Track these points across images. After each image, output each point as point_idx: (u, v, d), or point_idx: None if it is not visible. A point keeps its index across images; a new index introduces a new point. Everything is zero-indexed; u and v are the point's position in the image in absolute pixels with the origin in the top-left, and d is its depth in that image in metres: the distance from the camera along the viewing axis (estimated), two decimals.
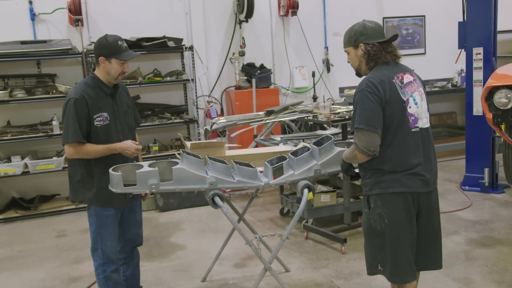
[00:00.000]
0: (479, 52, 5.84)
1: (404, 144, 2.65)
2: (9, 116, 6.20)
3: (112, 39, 3.16)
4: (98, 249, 3.24)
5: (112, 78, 3.18)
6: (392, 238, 2.70)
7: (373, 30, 2.76)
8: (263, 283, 3.78)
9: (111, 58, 3.12)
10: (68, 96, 3.11)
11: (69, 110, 3.07)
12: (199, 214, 5.90)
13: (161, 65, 6.64)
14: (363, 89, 2.64)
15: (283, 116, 5.65)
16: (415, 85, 2.74)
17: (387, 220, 2.69)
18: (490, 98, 4.60)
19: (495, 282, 3.78)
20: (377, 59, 2.72)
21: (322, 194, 5.09)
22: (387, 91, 2.62)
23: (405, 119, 2.66)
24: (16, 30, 6.12)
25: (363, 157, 2.64)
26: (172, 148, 6.66)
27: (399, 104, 2.64)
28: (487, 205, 5.57)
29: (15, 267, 4.62)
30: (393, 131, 2.64)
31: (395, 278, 2.75)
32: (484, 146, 5.96)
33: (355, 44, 2.78)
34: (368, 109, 2.60)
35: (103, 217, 3.22)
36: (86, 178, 3.18)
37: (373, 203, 2.73)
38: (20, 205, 6.14)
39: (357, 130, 2.63)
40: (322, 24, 7.53)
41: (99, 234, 3.22)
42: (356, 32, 2.78)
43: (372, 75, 2.69)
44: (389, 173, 2.66)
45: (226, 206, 3.23)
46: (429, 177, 2.72)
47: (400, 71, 2.74)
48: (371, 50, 2.72)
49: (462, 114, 8.01)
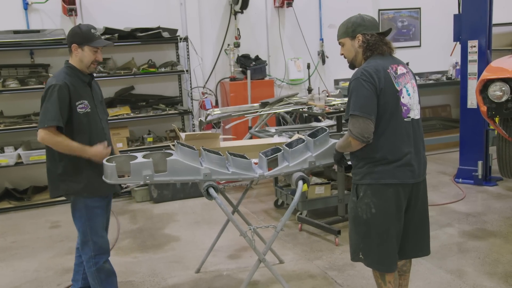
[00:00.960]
0: (474, 45, 5.85)
1: (396, 133, 2.69)
2: (2, 107, 6.16)
3: (85, 27, 3.17)
4: (88, 241, 3.21)
5: (84, 66, 3.17)
6: (379, 228, 2.75)
7: (370, 22, 2.81)
8: (257, 274, 3.80)
9: (84, 45, 3.12)
10: (48, 83, 3.07)
11: (50, 95, 3.02)
12: (193, 205, 5.89)
13: (155, 56, 6.61)
14: (359, 77, 2.67)
15: (278, 108, 5.64)
16: (408, 77, 2.79)
17: (375, 210, 2.73)
18: (484, 91, 4.61)
19: (487, 273, 3.80)
20: (374, 49, 2.76)
21: (317, 186, 5.10)
22: (381, 80, 2.66)
23: (398, 108, 2.70)
24: (9, 20, 6.06)
25: (357, 143, 2.67)
26: (166, 140, 6.64)
27: (393, 93, 2.68)
28: (480, 198, 5.60)
29: (8, 258, 4.60)
30: (386, 120, 2.68)
31: (380, 266, 2.82)
32: (478, 139, 5.99)
33: (352, 34, 2.80)
34: (363, 96, 2.64)
35: (92, 209, 3.20)
36: (70, 170, 3.13)
37: (362, 192, 2.76)
38: (13, 196, 6.12)
39: (352, 116, 2.66)
40: (318, 16, 7.51)
41: (89, 226, 3.20)
42: (354, 23, 2.81)
43: (367, 65, 2.72)
44: (380, 164, 2.70)
45: (220, 197, 3.22)
46: (418, 168, 2.76)
47: (394, 63, 2.78)
48: (370, 40, 2.76)
49: (456, 107, 8.04)
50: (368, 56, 2.78)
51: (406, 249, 2.90)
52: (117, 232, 5.08)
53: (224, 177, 3.22)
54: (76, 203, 3.21)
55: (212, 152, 3.22)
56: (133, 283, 3.97)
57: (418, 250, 2.95)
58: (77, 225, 3.25)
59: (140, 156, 3.20)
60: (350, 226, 2.90)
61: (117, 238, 4.93)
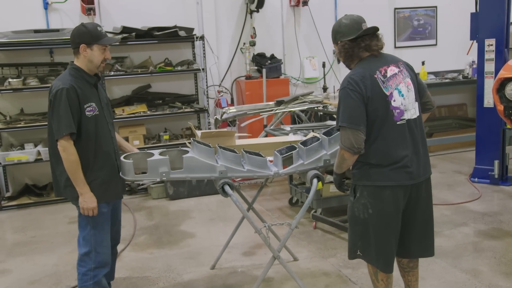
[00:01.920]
0: (491, 44, 5.80)
1: (389, 138, 2.68)
2: (23, 104, 6.28)
3: (91, 25, 3.05)
4: (91, 252, 3.04)
5: (94, 67, 3.04)
6: (376, 228, 2.76)
7: (347, 27, 2.76)
8: (272, 271, 3.83)
9: (93, 44, 2.99)
10: (55, 87, 2.93)
11: (59, 101, 2.89)
12: (209, 202, 5.95)
13: (172, 54, 6.68)
14: (345, 87, 2.67)
15: (293, 106, 5.66)
16: (401, 77, 2.73)
17: (372, 211, 2.75)
18: (501, 90, 4.59)
19: (503, 273, 3.79)
20: (351, 57, 2.77)
21: (331, 184, 5.11)
22: (368, 87, 2.64)
23: (389, 113, 2.67)
24: (30, 19, 6.18)
25: (349, 155, 2.67)
26: (182, 137, 6.70)
27: (382, 99, 2.66)
28: (496, 197, 5.56)
29: (28, 252, 4.71)
30: (377, 126, 2.67)
31: (376, 263, 2.84)
32: (495, 138, 5.94)
33: (335, 42, 2.83)
34: (350, 107, 2.64)
35: (99, 215, 3.04)
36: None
37: (359, 193, 2.79)
38: (33, 191, 6.24)
39: (341, 128, 2.67)
40: (333, 14, 7.51)
41: (94, 235, 3.04)
42: (333, 31, 2.83)
43: (353, 72, 2.72)
44: (376, 167, 2.70)
45: (235, 195, 3.26)
46: (415, 169, 2.73)
47: (383, 64, 2.73)
48: (342, 49, 2.78)
49: (472, 106, 7.96)
50: (350, 63, 2.80)
51: (411, 249, 2.92)
52: (134, 228, 5.15)
53: (240, 175, 3.26)
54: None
55: (228, 150, 3.25)
56: (149, 278, 4.03)
57: (422, 250, 2.94)
58: (81, 234, 3.08)
59: (157, 153, 3.25)
60: (348, 224, 2.94)
61: (134, 234, 5.01)
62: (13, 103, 6.28)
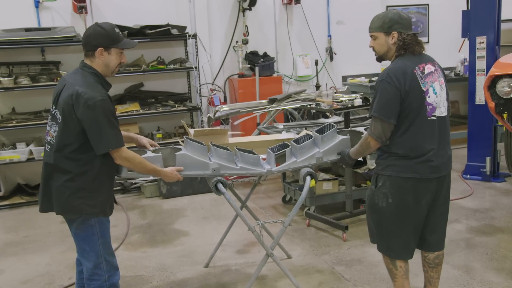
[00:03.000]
0: (482, 41, 5.84)
1: (420, 132, 2.77)
2: (14, 103, 6.24)
3: (108, 26, 2.81)
4: (101, 263, 2.84)
5: (110, 71, 2.83)
6: (393, 217, 2.86)
7: (407, 21, 2.84)
8: (265, 269, 3.83)
9: (111, 48, 2.78)
10: (90, 98, 2.64)
11: (101, 113, 2.65)
12: (202, 201, 5.95)
13: (164, 52, 6.66)
14: (384, 79, 2.75)
15: (286, 104, 5.66)
16: (436, 75, 2.84)
17: (391, 200, 2.84)
18: (492, 87, 4.60)
19: (494, 269, 3.82)
20: (408, 49, 2.81)
21: (324, 182, 5.13)
22: (407, 82, 2.72)
23: (423, 108, 2.76)
24: (21, 17, 6.13)
25: (376, 143, 2.81)
26: (175, 136, 6.69)
27: (419, 94, 2.75)
28: (488, 194, 5.60)
29: (21, 252, 4.68)
30: (410, 119, 2.75)
31: (390, 252, 2.95)
32: (486, 135, 5.98)
33: (388, 30, 2.83)
34: (384, 98, 2.74)
35: (104, 222, 2.87)
36: (90, 187, 2.77)
37: (381, 182, 2.87)
38: (25, 191, 6.21)
39: (373, 118, 2.78)
40: (326, 12, 7.51)
41: (102, 244, 2.84)
42: (392, 20, 2.82)
43: (394, 65, 2.79)
44: (402, 158, 2.79)
45: (229, 193, 3.26)
46: (439, 163, 2.82)
47: (422, 62, 2.83)
48: (407, 39, 2.81)
49: (464, 103, 8.00)
50: (401, 54, 2.83)
51: (431, 242, 3.01)
52: (127, 227, 5.14)
53: (233, 172, 3.26)
54: (87, 219, 2.80)
55: (221, 148, 3.25)
56: (143, 277, 4.03)
57: (439, 243, 3.04)
58: (88, 246, 2.83)
59: (150, 151, 3.24)
60: (367, 212, 3.04)
61: (127, 233, 5.00)
62: (5, 102, 6.24)
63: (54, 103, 2.82)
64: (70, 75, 2.84)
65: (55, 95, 2.82)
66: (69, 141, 2.73)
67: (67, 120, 2.71)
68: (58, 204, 2.79)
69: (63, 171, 2.75)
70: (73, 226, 2.84)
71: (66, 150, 2.74)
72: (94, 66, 2.79)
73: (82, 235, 2.83)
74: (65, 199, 2.76)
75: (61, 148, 2.75)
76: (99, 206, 2.81)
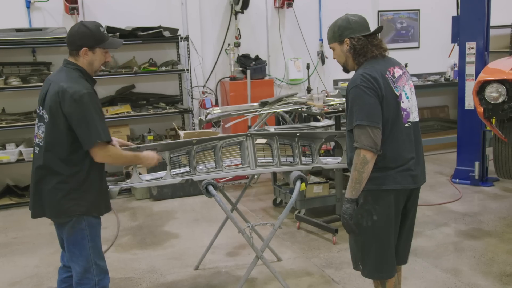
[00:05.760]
0: (472, 47, 5.90)
1: (399, 140, 2.58)
2: (4, 104, 6.20)
3: (93, 26, 2.76)
4: (91, 267, 2.79)
5: (93, 70, 2.80)
6: (380, 235, 2.65)
7: (357, 23, 2.65)
8: (255, 271, 3.84)
9: (95, 48, 2.75)
10: (76, 92, 2.62)
11: (88, 106, 2.62)
12: (193, 203, 5.94)
13: (156, 55, 6.65)
14: (358, 85, 2.52)
15: (277, 108, 5.66)
16: (405, 79, 2.66)
17: (376, 217, 2.62)
18: (481, 92, 4.65)
19: (482, 272, 3.86)
20: (364, 53, 2.62)
21: (315, 185, 5.15)
22: (381, 86, 2.53)
23: (399, 114, 2.58)
24: (12, 18, 6.10)
25: (372, 155, 2.49)
26: (166, 138, 6.68)
27: (393, 99, 2.56)
28: (477, 198, 5.65)
29: (9, 254, 4.65)
30: (388, 127, 2.56)
31: (382, 274, 2.73)
32: (475, 139, 6.04)
33: (339, 39, 2.67)
34: (367, 104, 2.49)
35: (95, 226, 2.82)
36: (81, 187, 2.73)
37: (363, 199, 2.64)
38: (15, 192, 6.16)
39: (359, 127, 2.49)
40: (317, 16, 7.56)
41: (93, 247, 2.79)
42: (340, 27, 2.67)
43: (364, 70, 2.57)
44: (382, 169, 2.58)
45: (219, 195, 3.27)
46: (418, 173, 2.67)
47: (390, 65, 2.64)
48: (357, 44, 2.62)
49: (454, 108, 8.08)
50: (360, 61, 2.64)
51: (399, 255, 2.82)
52: (117, 229, 5.12)
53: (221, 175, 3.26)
54: (78, 222, 2.76)
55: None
56: (132, 279, 4.02)
57: (406, 256, 2.89)
58: (78, 250, 2.79)
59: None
60: (350, 235, 2.76)
61: (117, 235, 4.98)
62: None
63: (41, 104, 2.79)
64: (54, 75, 2.82)
65: (41, 96, 2.79)
66: (58, 140, 2.69)
67: (55, 118, 2.67)
68: (50, 207, 2.74)
69: (54, 172, 2.70)
70: (64, 230, 2.80)
71: (55, 150, 2.70)
72: (79, 63, 2.77)
73: (72, 239, 2.79)
74: (57, 201, 2.71)
75: (50, 148, 2.71)
76: (91, 205, 2.76)
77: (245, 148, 3.40)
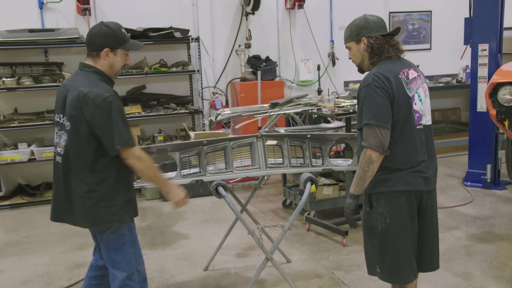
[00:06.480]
0: (484, 49, 5.85)
1: (410, 142, 2.56)
2: (16, 104, 6.26)
3: (115, 26, 2.67)
4: (133, 274, 2.72)
5: (114, 73, 2.72)
6: (394, 238, 2.62)
7: (375, 23, 2.66)
8: (264, 273, 3.83)
9: (117, 49, 2.66)
10: (97, 96, 2.52)
11: (111, 109, 2.53)
12: (203, 204, 5.95)
13: (167, 55, 6.68)
14: (370, 84, 2.51)
15: (288, 109, 5.67)
16: (419, 81, 2.65)
17: (389, 220, 2.60)
18: (494, 95, 4.62)
19: (494, 277, 3.81)
20: (381, 52, 2.62)
21: (325, 187, 5.14)
22: (394, 86, 2.51)
23: (411, 116, 2.56)
24: (24, 18, 6.16)
25: (378, 155, 2.49)
26: (177, 138, 6.70)
27: (405, 100, 2.55)
28: (489, 201, 5.60)
29: (20, 252, 4.69)
30: (399, 128, 2.54)
31: (398, 278, 2.68)
32: (487, 142, 5.98)
33: (357, 38, 2.68)
34: (377, 103, 2.48)
35: (133, 231, 2.76)
36: (112, 193, 2.64)
37: (375, 202, 2.62)
38: (26, 191, 6.22)
39: (367, 126, 2.50)
40: (328, 17, 7.54)
41: (134, 253, 2.74)
42: (358, 26, 2.68)
43: (377, 69, 2.57)
44: (393, 171, 2.57)
45: (229, 196, 3.27)
46: (430, 175, 2.65)
47: (405, 67, 2.64)
48: (374, 43, 2.62)
49: (466, 110, 8.01)
50: (375, 61, 2.64)
51: (424, 262, 2.76)
52: None
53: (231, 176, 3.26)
54: (119, 229, 2.69)
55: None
56: None
57: (433, 263, 2.81)
58: (119, 257, 2.71)
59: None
60: (365, 237, 2.73)
61: None
62: (7, 102, 6.26)
63: (61, 111, 2.67)
64: (71, 79, 2.73)
65: (59, 103, 2.68)
66: (82, 148, 2.59)
67: (77, 126, 2.58)
68: (84, 216, 2.65)
69: (82, 181, 2.61)
70: (104, 237, 2.71)
71: (80, 159, 2.60)
72: (97, 67, 2.66)
73: (113, 245, 2.70)
74: (89, 210, 2.62)
75: (75, 157, 2.61)
76: (124, 211, 2.69)
77: (255, 149, 3.40)
